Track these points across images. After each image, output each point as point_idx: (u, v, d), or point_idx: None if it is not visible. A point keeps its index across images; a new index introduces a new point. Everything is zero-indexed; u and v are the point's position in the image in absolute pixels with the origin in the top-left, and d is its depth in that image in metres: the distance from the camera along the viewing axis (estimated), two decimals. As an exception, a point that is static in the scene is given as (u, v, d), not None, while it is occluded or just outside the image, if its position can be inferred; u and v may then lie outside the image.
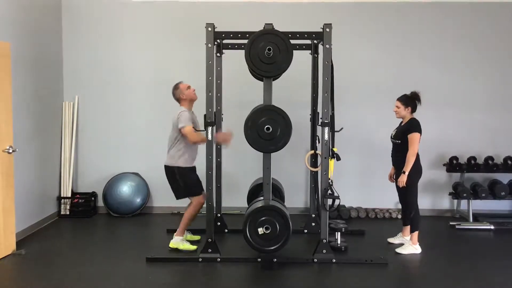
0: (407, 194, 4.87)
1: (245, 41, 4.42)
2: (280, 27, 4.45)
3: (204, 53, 4.50)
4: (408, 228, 5.01)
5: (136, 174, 6.38)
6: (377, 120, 6.32)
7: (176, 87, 4.96)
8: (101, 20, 6.37)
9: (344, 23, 6.07)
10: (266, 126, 4.35)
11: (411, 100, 4.87)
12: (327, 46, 4.45)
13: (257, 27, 4.51)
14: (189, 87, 4.90)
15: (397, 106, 4.92)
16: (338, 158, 4.66)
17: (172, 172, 4.82)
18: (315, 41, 5.28)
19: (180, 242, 4.86)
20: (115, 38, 6.38)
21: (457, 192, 6.13)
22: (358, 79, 6.36)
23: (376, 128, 6.30)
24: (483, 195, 6.03)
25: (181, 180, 4.81)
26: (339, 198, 4.56)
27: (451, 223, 5.93)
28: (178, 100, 4.96)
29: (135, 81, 6.39)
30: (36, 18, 5.68)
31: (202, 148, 4.66)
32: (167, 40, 6.32)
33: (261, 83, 4.58)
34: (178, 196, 4.92)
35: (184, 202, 6.36)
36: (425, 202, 6.26)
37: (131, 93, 6.41)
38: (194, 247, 4.86)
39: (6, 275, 4.33)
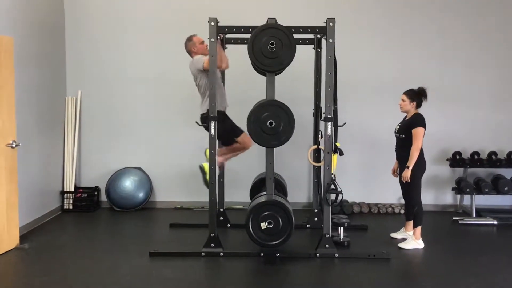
0: (411, 189, 4.86)
1: (248, 36, 4.41)
2: (280, 20, 4.43)
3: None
4: (411, 223, 5.01)
5: (139, 168, 6.38)
6: (380, 114, 6.29)
7: (189, 39, 4.94)
8: (104, 14, 6.35)
9: (346, 17, 6.04)
10: (269, 121, 4.34)
11: (417, 95, 4.85)
12: (330, 40, 4.43)
13: (258, 20, 4.50)
14: (202, 42, 4.85)
15: (402, 100, 4.90)
16: (341, 153, 4.65)
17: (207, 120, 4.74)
18: (318, 36, 5.25)
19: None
20: (118, 32, 6.36)
21: (460, 187, 6.12)
22: (361, 74, 6.32)
23: (379, 123, 6.28)
24: (486, 190, 6.01)
25: (221, 124, 4.71)
26: (342, 193, 4.55)
27: (454, 218, 5.92)
28: (190, 52, 4.94)
29: (138, 75, 6.38)
30: (39, 13, 5.68)
31: (205, 143, 4.64)
32: (170, 35, 6.29)
33: (264, 77, 4.57)
34: (224, 142, 4.93)
35: (186, 198, 6.42)
36: (428, 197, 6.24)
37: (134, 88, 6.40)
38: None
39: (10, 269, 4.36)
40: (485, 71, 6.33)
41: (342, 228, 4.96)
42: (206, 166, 4.77)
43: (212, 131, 4.51)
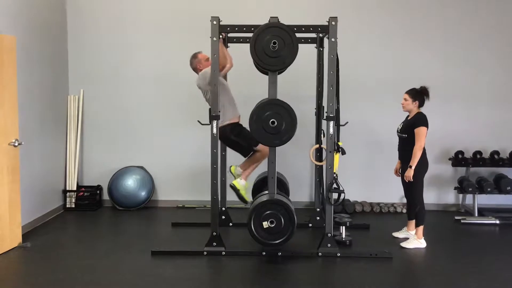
0: (413, 189, 4.85)
1: (250, 35, 4.40)
2: (282, 19, 4.43)
3: (209, 46, 4.48)
4: (413, 222, 5.00)
5: (141, 167, 6.39)
6: (382, 114, 6.29)
7: (194, 56, 4.95)
8: (106, 14, 6.36)
9: (348, 16, 6.04)
10: (271, 120, 4.34)
11: (419, 95, 4.84)
12: (333, 39, 4.42)
13: (260, 19, 4.49)
14: (208, 59, 4.83)
15: (405, 99, 4.89)
16: (343, 152, 4.65)
17: (225, 134, 4.77)
18: (320, 35, 5.25)
19: (243, 186, 4.86)
20: (120, 32, 6.36)
21: (462, 187, 6.11)
22: (363, 73, 6.32)
23: (381, 122, 6.28)
24: (489, 189, 6.00)
25: (236, 137, 4.75)
26: (344, 192, 4.55)
27: (456, 218, 5.92)
28: (195, 69, 4.95)
29: (140, 74, 6.38)
30: (42, 12, 5.68)
31: (207, 142, 4.65)
32: (172, 34, 6.30)
33: (266, 76, 4.57)
34: (245, 153, 4.87)
35: (189, 195, 6.43)
36: (430, 197, 6.23)
37: (136, 87, 6.40)
38: (249, 200, 4.92)
39: (12, 267, 4.37)
40: (487, 70, 6.32)
41: (344, 227, 4.96)
42: (236, 183, 4.86)
43: (214, 130, 4.51)
